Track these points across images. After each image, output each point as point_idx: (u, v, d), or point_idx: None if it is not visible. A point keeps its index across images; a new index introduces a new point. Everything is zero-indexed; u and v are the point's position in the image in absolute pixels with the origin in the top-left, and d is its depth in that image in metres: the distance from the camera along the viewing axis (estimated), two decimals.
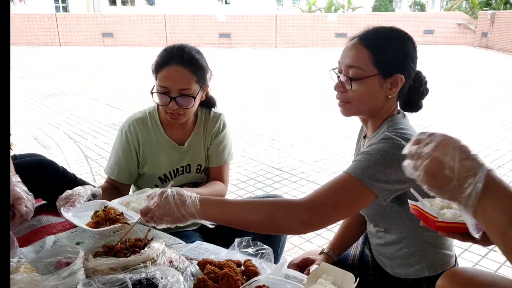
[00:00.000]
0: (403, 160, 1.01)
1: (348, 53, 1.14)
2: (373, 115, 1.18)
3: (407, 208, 1.12)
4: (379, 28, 1.15)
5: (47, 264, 1.03)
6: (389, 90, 1.13)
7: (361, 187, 1.02)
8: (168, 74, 1.43)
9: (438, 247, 1.19)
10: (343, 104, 1.17)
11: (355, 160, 1.07)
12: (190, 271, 1.06)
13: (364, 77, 1.10)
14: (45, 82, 8.37)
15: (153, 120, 1.60)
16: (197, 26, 16.79)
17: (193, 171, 1.65)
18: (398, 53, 1.12)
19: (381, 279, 1.27)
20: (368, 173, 1.02)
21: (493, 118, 5.47)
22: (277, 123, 5.29)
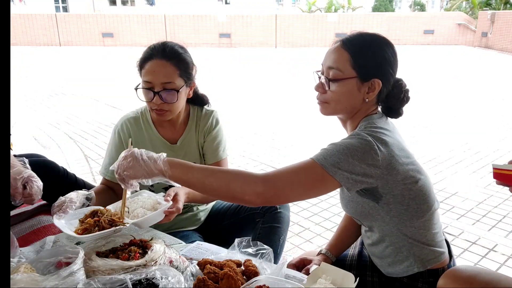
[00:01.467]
0: (368, 154, 1.05)
1: (330, 55, 1.19)
2: (350, 117, 1.22)
3: (383, 204, 1.14)
4: (362, 33, 1.19)
5: (47, 264, 1.03)
6: (367, 94, 1.16)
7: (322, 172, 1.04)
8: (150, 68, 1.44)
9: (425, 243, 1.19)
10: (321, 103, 1.22)
11: (322, 149, 1.11)
12: (190, 271, 1.06)
13: (342, 78, 1.15)
14: (45, 82, 8.37)
15: (145, 119, 1.61)
16: (197, 26, 16.80)
17: None
18: (377, 59, 1.15)
19: (379, 279, 1.27)
20: (330, 160, 1.05)
21: (493, 118, 5.47)
22: (277, 123, 5.29)
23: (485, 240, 2.49)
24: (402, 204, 1.14)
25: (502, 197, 3.05)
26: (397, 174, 1.10)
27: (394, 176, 1.09)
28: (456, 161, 3.87)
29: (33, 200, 1.22)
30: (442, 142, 4.46)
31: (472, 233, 2.57)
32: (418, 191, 1.14)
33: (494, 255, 2.33)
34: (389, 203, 1.14)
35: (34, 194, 1.21)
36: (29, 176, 1.22)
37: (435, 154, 4.06)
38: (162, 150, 1.58)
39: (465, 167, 3.73)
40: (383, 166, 1.07)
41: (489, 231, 2.60)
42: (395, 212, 1.15)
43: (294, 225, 2.68)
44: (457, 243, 2.46)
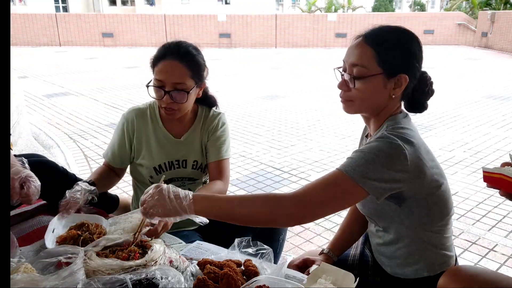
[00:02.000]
0: (397, 159, 1.02)
1: (352, 52, 1.13)
2: (375, 114, 1.17)
3: (405, 207, 1.12)
4: (385, 27, 1.14)
5: (47, 264, 1.03)
6: (393, 90, 1.12)
7: (352, 184, 1.02)
8: (163, 67, 1.46)
9: (438, 247, 1.18)
10: (345, 102, 1.17)
11: (348, 158, 1.07)
12: (190, 271, 1.06)
13: (368, 75, 1.10)
14: (45, 82, 8.37)
15: (153, 112, 1.63)
16: (197, 26, 16.79)
17: (189, 166, 1.66)
18: (403, 53, 1.11)
19: (381, 279, 1.27)
20: (359, 170, 1.02)
21: (493, 118, 5.47)
22: (277, 123, 5.29)
23: (485, 240, 2.49)
24: (425, 208, 1.12)
25: (502, 197, 3.04)
26: (424, 178, 1.08)
27: (421, 180, 1.07)
28: (456, 161, 3.87)
29: (30, 201, 1.22)
30: (442, 142, 4.46)
31: (472, 233, 2.57)
32: (441, 195, 1.13)
33: (494, 255, 2.33)
34: (412, 207, 1.12)
35: (32, 194, 1.21)
36: (26, 176, 1.22)
37: (435, 154, 4.05)
38: (164, 143, 1.62)
39: (465, 167, 3.73)
40: (412, 170, 1.05)
41: (489, 231, 2.60)
42: (416, 216, 1.13)
43: None
44: (457, 243, 2.46)
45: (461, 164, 3.80)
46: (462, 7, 24.12)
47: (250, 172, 3.64)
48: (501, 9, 17.96)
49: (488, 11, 16.04)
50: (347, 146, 4.35)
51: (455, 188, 3.25)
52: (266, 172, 3.66)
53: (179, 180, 1.67)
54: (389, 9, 28.77)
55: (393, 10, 30.79)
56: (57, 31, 16.35)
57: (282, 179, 3.49)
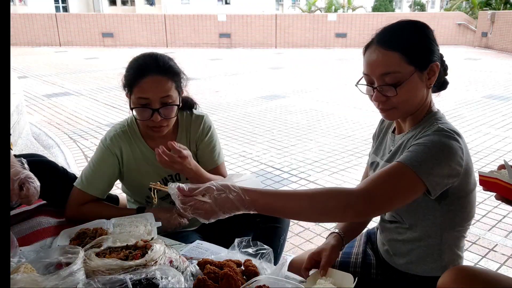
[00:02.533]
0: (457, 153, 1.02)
1: (375, 62, 1.11)
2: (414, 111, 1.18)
3: (444, 204, 1.12)
4: (395, 26, 1.14)
5: (47, 264, 1.03)
6: (428, 80, 1.13)
7: (416, 179, 0.99)
8: (147, 85, 1.38)
9: (456, 247, 1.19)
10: (388, 111, 1.15)
11: (410, 151, 1.04)
12: (190, 271, 1.06)
13: (405, 79, 1.09)
14: (45, 82, 8.37)
15: (133, 132, 1.55)
16: (197, 26, 16.78)
17: (183, 178, 1.60)
18: (425, 43, 1.12)
19: (384, 277, 1.27)
20: (425, 166, 1.00)
21: (493, 118, 5.47)
22: (277, 123, 5.29)
23: (485, 240, 2.49)
24: (462, 206, 1.13)
25: None
26: (470, 175, 1.09)
27: (468, 177, 1.09)
28: None
29: (30, 201, 1.21)
30: None
31: (472, 233, 2.57)
32: (474, 196, 1.15)
33: (494, 255, 2.33)
34: (451, 204, 1.12)
35: (31, 195, 1.20)
36: (26, 177, 1.21)
37: None
38: (154, 162, 1.52)
39: None
40: (465, 165, 1.05)
41: (489, 231, 2.59)
42: (451, 214, 1.13)
43: (294, 225, 2.68)
44: None
45: None
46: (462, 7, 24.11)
47: (250, 172, 3.64)
48: (501, 9, 17.96)
49: (488, 11, 16.04)
50: (347, 146, 4.35)
51: None
52: (266, 172, 3.65)
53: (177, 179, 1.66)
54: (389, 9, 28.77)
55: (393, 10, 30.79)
56: (57, 31, 16.34)
57: (282, 179, 3.49)
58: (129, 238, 1.15)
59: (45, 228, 1.40)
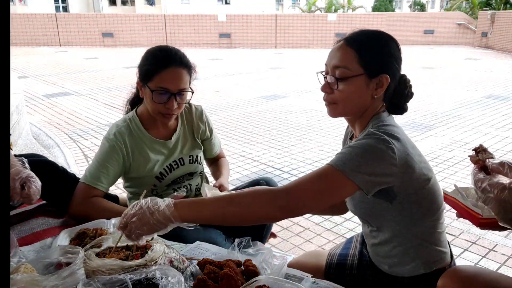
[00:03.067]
0: (386, 154, 1.04)
1: (334, 54, 1.17)
2: (359, 116, 1.20)
3: (396, 203, 1.13)
4: (365, 30, 1.19)
5: (47, 264, 1.03)
6: (375, 90, 1.15)
7: (342, 177, 1.03)
8: (169, 76, 1.47)
9: (432, 243, 1.19)
10: (329, 105, 1.20)
11: (338, 153, 1.10)
12: (190, 271, 1.06)
13: (350, 76, 1.13)
14: (45, 82, 8.37)
15: (135, 125, 1.61)
16: (197, 26, 16.78)
17: (187, 162, 1.69)
18: (383, 54, 1.15)
19: (379, 279, 1.27)
20: (350, 164, 1.03)
21: (493, 118, 5.47)
22: (277, 123, 5.29)
23: (485, 240, 2.49)
24: (416, 203, 1.13)
25: None
26: (412, 172, 1.09)
27: (410, 175, 1.09)
28: (456, 161, 3.87)
29: (31, 201, 1.22)
30: (442, 142, 4.46)
31: (472, 233, 2.57)
32: (430, 189, 1.15)
33: (494, 255, 2.33)
34: (403, 203, 1.13)
35: (33, 194, 1.20)
36: (27, 176, 1.21)
37: (435, 154, 4.06)
38: (158, 150, 1.62)
39: (465, 167, 3.73)
40: (400, 164, 1.06)
41: (489, 231, 2.59)
42: (407, 212, 1.14)
43: (294, 225, 2.68)
44: (457, 243, 2.46)
45: (461, 164, 3.80)
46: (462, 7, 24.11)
47: (250, 172, 3.64)
48: (501, 9, 17.96)
49: (488, 11, 16.04)
50: None
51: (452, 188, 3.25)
52: (266, 172, 3.66)
53: (179, 180, 1.69)
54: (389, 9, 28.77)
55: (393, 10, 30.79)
56: (57, 31, 16.34)
57: (282, 179, 3.49)
58: None
59: (45, 229, 1.40)
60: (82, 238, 1.22)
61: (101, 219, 1.38)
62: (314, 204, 1.06)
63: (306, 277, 1.07)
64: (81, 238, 1.22)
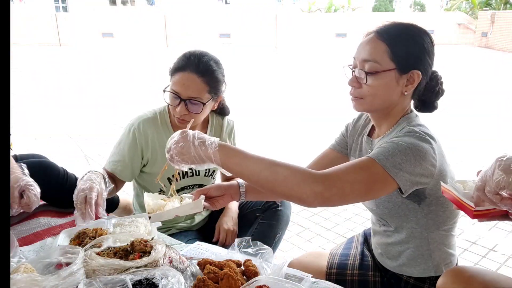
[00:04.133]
0: (428, 154, 1.02)
1: (364, 47, 1.11)
2: (387, 113, 1.16)
3: (424, 205, 1.12)
4: (397, 23, 1.13)
5: (47, 264, 1.03)
6: (405, 87, 1.11)
7: (383, 173, 0.97)
8: (181, 80, 1.43)
9: (446, 246, 1.19)
10: (356, 99, 1.14)
11: (380, 147, 1.03)
12: (190, 271, 1.06)
13: (380, 71, 1.08)
14: (45, 82, 8.37)
15: (163, 120, 1.58)
16: (197, 26, 16.78)
17: (202, 174, 1.65)
18: (416, 49, 1.10)
19: (381, 279, 1.27)
20: (392, 161, 0.98)
21: (493, 118, 5.47)
22: (277, 123, 5.29)
23: (485, 240, 2.49)
24: (443, 206, 1.13)
25: None
26: (445, 175, 1.08)
27: (443, 177, 1.07)
28: (456, 161, 3.87)
29: (30, 209, 1.19)
30: (442, 142, 4.46)
31: (472, 233, 2.57)
32: None
33: (494, 255, 2.33)
34: (431, 205, 1.12)
35: (32, 202, 1.18)
36: (26, 184, 1.18)
37: None
38: None
39: (465, 167, 3.73)
40: (438, 166, 1.05)
41: (489, 231, 2.59)
42: (433, 215, 1.13)
43: (294, 225, 2.68)
44: (457, 243, 2.45)
45: (461, 164, 3.80)
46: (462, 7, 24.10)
47: None
48: (501, 9, 17.96)
49: (488, 11, 16.04)
50: None
51: None
52: None
53: (189, 188, 1.66)
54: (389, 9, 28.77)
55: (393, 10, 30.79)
56: (57, 31, 16.35)
57: None
58: (129, 238, 1.15)
59: (45, 229, 1.40)
60: (82, 238, 1.22)
61: (101, 219, 1.38)
62: (352, 196, 0.96)
63: (306, 277, 1.07)
64: (81, 238, 1.22)
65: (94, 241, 1.13)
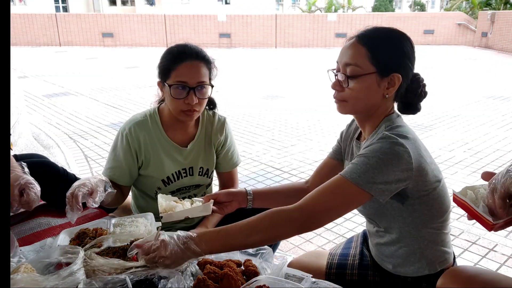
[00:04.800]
0: (402, 158, 1.03)
1: (346, 52, 1.15)
2: (369, 115, 1.18)
3: (408, 205, 1.13)
4: (378, 27, 1.16)
5: (47, 264, 1.03)
6: (386, 90, 1.13)
7: (357, 190, 1.03)
8: (185, 69, 1.44)
9: (438, 244, 1.19)
10: (339, 102, 1.19)
11: (352, 163, 1.07)
12: (190, 271, 1.06)
13: (361, 74, 1.11)
14: (45, 82, 8.37)
15: (154, 122, 1.58)
16: (197, 26, 16.79)
17: (196, 173, 1.64)
18: (396, 52, 1.12)
19: (381, 278, 1.27)
20: (365, 177, 1.02)
21: (493, 118, 5.47)
22: (277, 123, 5.29)
23: (485, 240, 2.49)
24: (427, 204, 1.13)
25: None
26: (426, 174, 1.09)
27: (424, 177, 1.09)
28: (456, 161, 3.87)
29: (30, 208, 1.19)
30: (442, 142, 4.46)
31: (472, 233, 2.57)
32: (440, 191, 1.15)
33: (494, 255, 2.33)
34: (414, 204, 1.13)
35: (32, 201, 1.18)
36: (26, 183, 1.18)
37: (435, 154, 4.06)
38: (172, 154, 1.58)
39: (465, 167, 3.73)
40: (415, 167, 1.05)
41: (489, 231, 2.59)
42: (418, 213, 1.14)
43: None
44: (457, 243, 2.46)
45: (461, 164, 3.80)
46: (462, 7, 24.12)
47: (250, 172, 3.64)
48: (501, 9, 17.96)
49: (488, 11, 16.04)
50: None
51: (455, 188, 3.25)
52: (266, 172, 3.66)
53: (185, 189, 1.65)
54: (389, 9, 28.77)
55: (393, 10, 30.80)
56: (57, 31, 16.35)
57: (282, 179, 3.49)
58: (129, 238, 1.15)
59: (46, 229, 1.40)
60: (82, 238, 1.22)
61: (101, 219, 1.38)
62: (328, 219, 1.07)
63: (306, 277, 1.07)
64: (81, 238, 1.22)
65: (94, 241, 1.13)
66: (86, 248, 1.09)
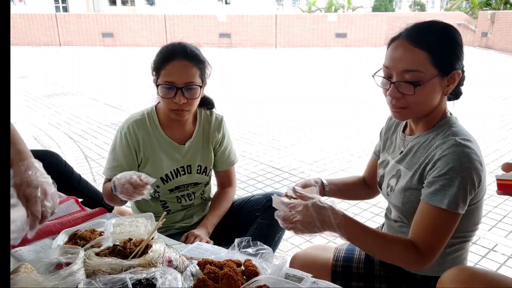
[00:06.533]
0: (479, 169, 1.05)
1: (401, 57, 1.07)
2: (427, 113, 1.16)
3: None
4: (426, 25, 1.10)
5: (47, 264, 1.03)
6: (447, 87, 1.11)
7: (456, 215, 1.05)
8: (173, 68, 1.45)
9: (460, 250, 1.20)
10: (400, 110, 1.12)
11: (436, 189, 1.06)
12: (190, 271, 1.06)
13: (426, 80, 1.06)
14: (45, 82, 8.37)
15: (152, 120, 1.60)
16: (197, 26, 16.79)
17: (194, 171, 1.65)
18: (454, 49, 1.08)
19: (387, 273, 1.27)
20: (460, 202, 1.04)
21: (493, 118, 5.47)
22: (277, 123, 5.29)
23: (485, 240, 2.49)
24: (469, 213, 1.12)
25: (502, 197, 3.03)
26: (483, 183, 1.10)
27: (482, 185, 1.10)
28: None
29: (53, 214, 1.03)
30: None
31: None
32: (481, 204, 1.15)
33: (494, 255, 2.33)
34: None
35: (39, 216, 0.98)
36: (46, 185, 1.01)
37: None
38: (170, 152, 1.59)
39: None
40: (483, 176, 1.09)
41: (489, 231, 2.60)
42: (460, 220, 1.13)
43: None
44: None
45: None
46: (462, 7, 24.11)
47: (250, 172, 3.64)
48: (501, 9, 17.96)
49: (488, 11, 16.04)
50: (347, 146, 4.35)
51: None
52: (266, 172, 3.65)
53: (184, 187, 1.66)
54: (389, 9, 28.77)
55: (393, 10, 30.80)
56: (57, 31, 16.35)
57: (282, 179, 3.49)
58: None
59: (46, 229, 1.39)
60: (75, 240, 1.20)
61: (101, 219, 1.38)
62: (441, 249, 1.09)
63: (306, 277, 1.07)
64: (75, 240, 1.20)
65: (94, 241, 1.13)
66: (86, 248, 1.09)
